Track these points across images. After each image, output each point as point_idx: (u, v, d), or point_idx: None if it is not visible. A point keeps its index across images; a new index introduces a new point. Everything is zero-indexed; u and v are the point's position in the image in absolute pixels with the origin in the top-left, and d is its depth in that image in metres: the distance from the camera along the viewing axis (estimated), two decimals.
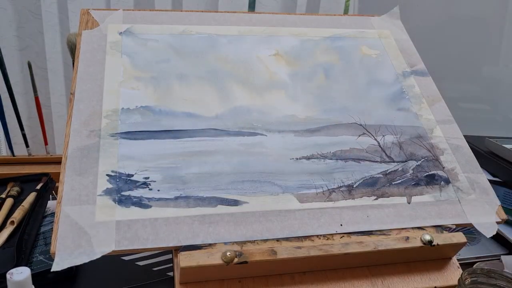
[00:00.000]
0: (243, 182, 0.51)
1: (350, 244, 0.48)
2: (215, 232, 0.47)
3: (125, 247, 0.45)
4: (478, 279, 0.49)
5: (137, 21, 0.64)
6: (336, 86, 0.63)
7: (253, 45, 0.65)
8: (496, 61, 1.07)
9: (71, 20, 1.34)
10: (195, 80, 0.59)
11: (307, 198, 0.51)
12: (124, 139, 0.52)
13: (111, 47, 0.60)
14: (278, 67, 0.63)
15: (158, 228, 0.46)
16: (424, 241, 0.49)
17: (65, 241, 0.44)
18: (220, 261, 0.44)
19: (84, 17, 0.63)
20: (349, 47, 0.68)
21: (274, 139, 0.56)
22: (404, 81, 0.65)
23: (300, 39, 0.67)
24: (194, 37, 0.64)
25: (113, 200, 0.47)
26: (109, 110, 0.54)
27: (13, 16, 1.34)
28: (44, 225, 0.63)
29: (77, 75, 0.57)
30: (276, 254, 0.46)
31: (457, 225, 0.53)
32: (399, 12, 0.74)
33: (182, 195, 0.49)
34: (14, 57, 1.37)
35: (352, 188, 0.53)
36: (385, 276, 0.51)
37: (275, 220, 0.49)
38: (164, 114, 0.55)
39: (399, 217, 0.52)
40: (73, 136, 0.51)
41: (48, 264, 0.55)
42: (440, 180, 0.56)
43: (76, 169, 0.49)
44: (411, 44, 0.70)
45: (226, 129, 0.55)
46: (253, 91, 0.60)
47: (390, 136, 0.59)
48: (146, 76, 0.58)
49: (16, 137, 1.06)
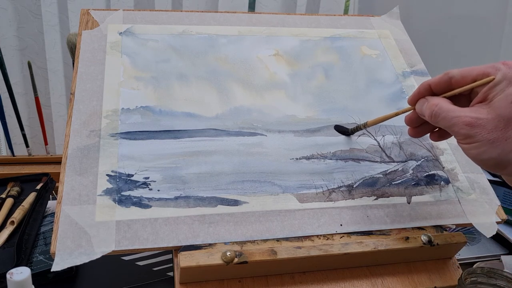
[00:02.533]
0: (243, 182, 0.51)
1: (350, 244, 0.48)
2: (215, 232, 0.47)
3: (125, 247, 0.45)
4: (478, 279, 0.49)
5: (137, 21, 0.64)
6: (336, 86, 0.63)
7: (253, 45, 0.65)
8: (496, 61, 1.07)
9: (71, 20, 1.34)
10: (195, 80, 0.59)
11: (307, 198, 0.51)
12: (124, 139, 0.52)
13: (111, 47, 0.60)
14: (278, 67, 0.63)
15: (158, 228, 0.46)
16: (424, 241, 0.49)
17: (65, 241, 0.44)
18: (220, 261, 0.44)
19: (84, 17, 0.63)
20: (349, 47, 0.68)
21: (274, 139, 0.56)
22: (404, 81, 0.65)
23: (300, 39, 0.67)
24: (194, 37, 0.64)
25: (113, 200, 0.47)
26: (109, 110, 0.54)
27: (13, 16, 1.34)
28: (44, 225, 0.64)
29: (77, 75, 0.57)
30: (276, 254, 0.46)
31: (457, 225, 0.53)
32: (399, 12, 0.74)
33: (182, 195, 0.49)
34: (14, 57, 1.38)
35: (352, 188, 0.53)
36: (385, 276, 0.51)
37: (275, 220, 0.49)
38: (164, 114, 0.55)
39: (399, 217, 0.52)
40: (73, 136, 0.51)
41: (48, 264, 0.55)
42: (440, 180, 0.56)
43: (76, 169, 0.49)
44: (411, 44, 0.70)
45: (226, 129, 0.55)
46: (253, 91, 0.60)
47: (390, 136, 0.59)
48: (146, 76, 0.58)
49: (16, 137, 1.07)
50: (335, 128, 0.58)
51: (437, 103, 0.43)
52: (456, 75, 0.44)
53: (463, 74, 0.43)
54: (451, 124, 0.42)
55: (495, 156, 0.40)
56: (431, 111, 0.43)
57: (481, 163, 0.42)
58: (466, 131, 0.41)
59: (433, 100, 0.44)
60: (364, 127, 0.55)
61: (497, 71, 0.41)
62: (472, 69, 0.43)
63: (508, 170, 0.41)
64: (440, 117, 0.42)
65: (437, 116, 0.43)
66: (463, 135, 0.41)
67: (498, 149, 0.40)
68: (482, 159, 0.41)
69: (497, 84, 0.41)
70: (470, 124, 0.40)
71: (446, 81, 0.44)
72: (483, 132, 0.40)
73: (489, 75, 0.42)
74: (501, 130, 0.39)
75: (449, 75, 0.44)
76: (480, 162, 0.42)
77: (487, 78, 0.42)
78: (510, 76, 0.41)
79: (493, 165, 0.41)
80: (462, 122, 0.41)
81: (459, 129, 0.41)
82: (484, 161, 0.41)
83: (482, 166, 0.42)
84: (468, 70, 0.43)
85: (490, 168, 0.42)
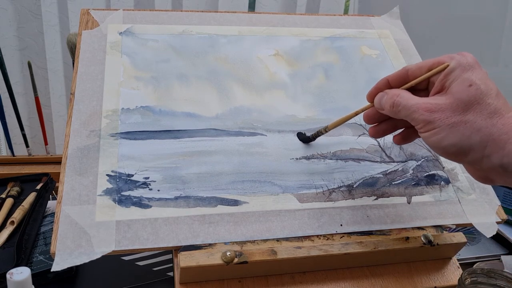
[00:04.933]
0: (243, 182, 0.51)
1: (350, 244, 0.48)
2: (215, 232, 0.47)
3: (125, 247, 0.45)
4: (478, 279, 0.49)
5: (137, 21, 0.64)
6: (336, 86, 0.63)
7: (253, 45, 0.65)
8: (496, 61, 1.07)
9: (71, 20, 1.34)
10: (195, 80, 0.59)
11: (307, 198, 0.51)
12: (124, 139, 0.52)
13: (111, 47, 0.60)
14: (278, 67, 0.63)
15: (158, 228, 0.46)
16: (424, 241, 0.49)
17: (65, 241, 0.44)
18: (220, 261, 0.44)
19: (84, 17, 0.63)
20: (349, 47, 0.68)
21: (274, 139, 0.56)
22: None
23: (300, 39, 0.67)
24: (194, 37, 0.64)
25: (113, 200, 0.47)
26: (109, 110, 0.54)
27: (13, 16, 1.34)
28: (44, 225, 0.64)
29: (77, 75, 0.57)
30: (276, 254, 0.46)
31: (457, 225, 0.53)
32: (399, 12, 0.74)
33: (182, 195, 0.49)
34: (14, 57, 1.38)
35: (352, 188, 0.53)
36: (385, 276, 0.51)
37: (275, 220, 0.49)
38: (164, 114, 0.55)
39: (399, 217, 0.52)
40: (73, 136, 0.51)
41: (48, 264, 0.55)
42: (440, 180, 0.56)
43: (76, 169, 0.49)
44: (411, 44, 0.70)
45: (226, 129, 0.55)
46: (253, 91, 0.60)
47: (390, 136, 0.59)
48: (146, 76, 0.58)
49: (16, 137, 1.07)
50: (297, 136, 0.56)
51: (398, 93, 0.43)
52: (412, 67, 0.44)
53: (419, 66, 0.44)
54: (412, 111, 0.41)
55: (456, 141, 0.39)
56: (392, 101, 0.43)
57: (442, 151, 0.41)
58: (426, 117, 0.40)
59: (394, 91, 0.44)
60: (325, 131, 0.54)
61: (451, 59, 0.42)
62: (427, 60, 0.44)
63: (470, 157, 0.40)
64: (401, 106, 0.42)
65: (398, 105, 0.43)
66: (422, 121, 0.41)
67: (458, 134, 0.39)
68: (442, 146, 0.40)
69: (452, 71, 0.41)
70: (429, 110, 0.40)
71: (403, 74, 0.45)
72: (442, 117, 0.40)
73: (443, 63, 0.42)
74: (460, 115, 0.39)
75: (406, 68, 0.45)
76: (441, 150, 0.41)
77: (442, 66, 0.42)
78: (464, 62, 0.41)
79: (454, 153, 0.40)
80: (422, 108, 0.41)
81: (418, 116, 0.41)
82: (445, 149, 0.40)
83: (444, 154, 0.41)
84: (423, 61, 0.44)
85: (452, 157, 0.41)
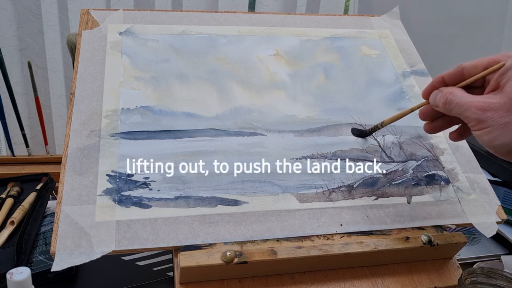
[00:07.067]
0: (243, 182, 0.51)
1: (350, 244, 0.48)
2: (215, 232, 0.47)
3: (125, 247, 0.45)
4: (478, 279, 0.49)
5: (137, 21, 0.64)
6: (336, 86, 0.63)
7: (253, 45, 0.65)
8: None
9: (71, 20, 1.34)
10: (195, 80, 0.59)
11: (307, 198, 0.51)
12: (124, 139, 0.52)
13: (111, 47, 0.60)
14: (278, 67, 0.63)
15: (158, 228, 0.46)
16: (424, 241, 0.49)
17: (65, 241, 0.44)
18: (220, 261, 0.44)
19: (84, 17, 0.63)
20: (349, 47, 0.68)
21: (274, 139, 0.56)
22: (404, 81, 0.65)
23: (300, 39, 0.67)
24: (194, 37, 0.64)
25: (113, 200, 0.47)
26: (109, 110, 0.54)
27: (13, 16, 1.34)
28: (44, 225, 0.64)
29: (77, 75, 0.57)
30: (276, 254, 0.46)
31: (457, 225, 0.53)
32: (399, 12, 0.74)
33: (182, 195, 0.49)
34: (14, 57, 1.38)
35: (352, 188, 0.53)
36: (385, 276, 0.51)
37: (275, 220, 0.49)
38: (164, 114, 0.55)
39: (399, 217, 0.52)
40: (73, 136, 0.51)
41: (48, 264, 0.55)
42: (440, 180, 0.56)
43: (76, 169, 0.49)
44: (411, 44, 0.70)
45: (226, 129, 0.55)
46: (253, 91, 0.60)
47: (390, 136, 0.59)
48: (146, 76, 0.58)
49: (16, 137, 1.07)
50: (352, 131, 0.57)
51: (452, 91, 0.43)
52: (467, 66, 0.44)
53: (474, 64, 0.44)
54: (464, 109, 0.42)
55: (508, 141, 0.39)
56: (445, 99, 0.43)
57: (495, 150, 0.41)
58: (478, 115, 0.40)
59: (447, 89, 0.44)
60: (381, 126, 0.55)
61: (508, 58, 0.42)
62: (483, 58, 0.44)
63: None
64: (454, 104, 0.43)
65: (450, 103, 0.43)
66: (475, 120, 0.41)
67: (510, 134, 0.39)
68: (495, 145, 0.40)
69: (508, 70, 0.41)
70: (482, 108, 0.40)
71: (459, 72, 0.45)
72: (495, 116, 0.40)
73: (499, 62, 0.42)
74: None
75: (461, 66, 0.45)
76: (494, 149, 0.41)
77: (498, 65, 0.42)
78: None
79: (507, 152, 0.40)
80: (475, 106, 0.41)
81: (471, 114, 0.41)
82: (497, 148, 0.41)
83: (497, 153, 0.42)
84: (479, 60, 0.44)
85: (505, 156, 0.41)
